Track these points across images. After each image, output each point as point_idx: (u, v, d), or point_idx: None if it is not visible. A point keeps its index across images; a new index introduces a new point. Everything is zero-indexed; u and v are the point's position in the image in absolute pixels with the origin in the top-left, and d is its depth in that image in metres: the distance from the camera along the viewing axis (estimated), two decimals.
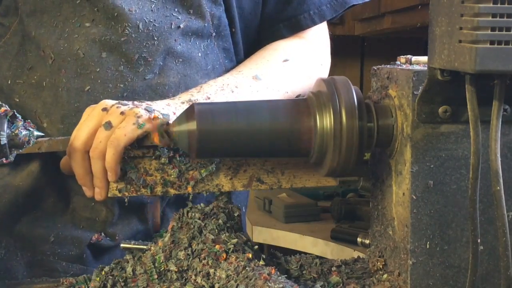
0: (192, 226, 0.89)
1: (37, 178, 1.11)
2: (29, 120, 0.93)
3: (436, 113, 0.79)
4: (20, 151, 0.90)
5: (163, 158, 0.90)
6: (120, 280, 0.88)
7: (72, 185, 1.11)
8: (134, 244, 0.96)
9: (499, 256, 0.70)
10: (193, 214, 0.90)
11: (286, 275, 0.86)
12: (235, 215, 0.91)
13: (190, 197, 0.91)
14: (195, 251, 0.86)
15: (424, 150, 0.80)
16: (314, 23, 1.24)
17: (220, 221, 0.89)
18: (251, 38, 1.25)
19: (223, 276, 0.83)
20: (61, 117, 1.09)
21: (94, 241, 1.12)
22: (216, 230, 0.88)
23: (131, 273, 0.88)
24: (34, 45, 1.12)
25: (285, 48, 1.23)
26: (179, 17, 1.11)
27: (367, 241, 1.94)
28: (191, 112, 0.82)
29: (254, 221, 2.30)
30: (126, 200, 0.92)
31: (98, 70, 1.08)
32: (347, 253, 1.96)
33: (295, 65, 1.21)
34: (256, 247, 0.91)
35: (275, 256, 0.95)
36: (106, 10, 1.08)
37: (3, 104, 0.91)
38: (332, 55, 1.32)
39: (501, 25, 0.66)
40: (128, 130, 0.89)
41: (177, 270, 0.86)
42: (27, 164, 1.12)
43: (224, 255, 0.85)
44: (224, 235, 0.87)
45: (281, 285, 0.79)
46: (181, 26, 1.11)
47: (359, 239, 1.98)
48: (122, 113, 0.91)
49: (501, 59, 0.66)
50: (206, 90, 1.06)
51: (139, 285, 0.87)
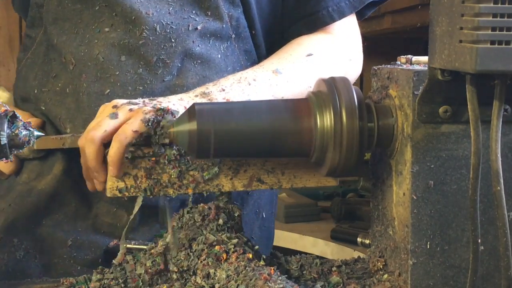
0: (192, 226, 0.89)
1: (60, 181, 1.12)
2: (29, 120, 0.93)
3: (437, 113, 0.78)
4: (20, 151, 0.90)
5: (162, 159, 0.90)
6: (120, 280, 0.88)
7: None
8: (134, 244, 0.96)
9: (499, 256, 0.70)
10: (193, 214, 0.90)
11: (286, 275, 0.86)
12: (235, 215, 0.91)
13: (190, 198, 0.91)
14: (195, 251, 0.86)
15: (425, 150, 0.80)
16: (333, 20, 1.23)
17: (220, 221, 0.89)
18: (272, 39, 1.25)
19: (223, 276, 0.83)
20: (83, 122, 1.10)
21: (112, 246, 1.12)
22: (216, 230, 0.88)
23: (131, 273, 0.88)
24: (57, 53, 1.14)
25: (310, 42, 1.22)
26: (197, 19, 1.12)
27: (367, 241, 1.94)
28: (192, 112, 0.82)
29: None
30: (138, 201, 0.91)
31: (117, 73, 1.10)
32: (347, 253, 1.96)
33: (319, 60, 1.19)
34: (256, 247, 0.91)
35: (275, 256, 0.95)
36: (124, 14, 1.09)
37: (3, 104, 0.91)
38: None
39: (502, 25, 0.65)
40: (135, 126, 0.89)
41: (177, 270, 0.86)
42: (51, 167, 1.13)
43: (224, 255, 0.85)
44: (224, 235, 0.87)
45: (281, 285, 0.79)
46: (199, 27, 1.12)
47: (359, 239, 1.99)
48: (130, 109, 0.91)
49: (501, 59, 0.66)
50: (222, 83, 1.05)
51: (139, 285, 0.87)
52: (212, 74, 1.14)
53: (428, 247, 0.81)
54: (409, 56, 0.85)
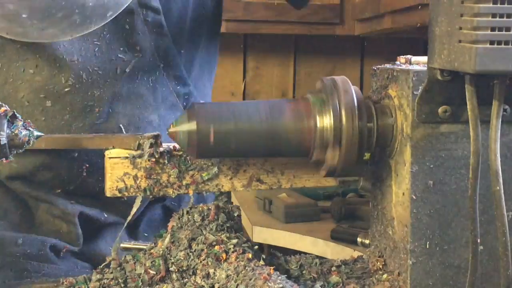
0: (192, 226, 0.89)
1: (3, 188, 1.11)
2: (29, 120, 0.93)
3: (436, 113, 0.79)
4: (20, 151, 0.90)
5: (162, 158, 0.90)
6: (120, 280, 0.88)
7: (34, 201, 1.12)
8: (134, 244, 0.96)
9: (499, 256, 0.70)
10: (192, 214, 0.90)
11: (286, 275, 0.86)
12: (235, 215, 0.91)
13: (191, 200, 0.91)
14: (195, 251, 0.86)
15: (424, 150, 0.80)
16: None
17: (220, 221, 0.89)
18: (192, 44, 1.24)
19: (223, 276, 0.83)
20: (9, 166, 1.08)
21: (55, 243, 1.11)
22: (216, 230, 0.88)
23: (131, 273, 0.88)
24: None
25: None
26: (125, 57, 1.08)
27: (367, 241, 1.94)
28: (191, 111, 0.82)
29: (254, 221, 2.30)
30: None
31: (43, 119, 1.06)
32: (347, 253, 1.96)
33: None
34: (256, 247, 0.91)
35: (275, 256, 0.95)
36: (47, 59, 1.05)
37: (3, 104, 0.91)
38: (332, 55, 1.32)
39: (501, 25, 0.66)
40: None
41: (177, 270, 0.86)
42: None
43: (224, 255, 0.85)
44: (224, 235, 0.87)
45: (281, 285, 0.79)
46: (127, 70, 1.08)
47: (359, 239, 1.98)
48: None
49: (500, 59, 0.66)
50: None
51: (139, 285, 0.87)
52: (141, 111, 1.12)
53: (428, 247, 0.81)
54: (409, 56, 0.85)
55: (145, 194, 0.90)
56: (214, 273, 0.84)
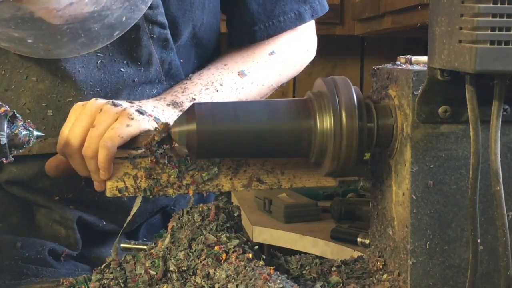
0: (192, 227, 0.89)
1: (2, 191, 1.11)
2: (29, 120, 0.93)
3: (436, 113, 0.79)
4: (20, 151, 0.90)
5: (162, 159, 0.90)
6: (120, 280, 0.88)
7: (34, 205, 1.12)
8: (134, 244, 0.96)
9: (499, 256, 0.70)
10: (192, 214, 0.90)
11: (286, 275, 0.86)
12: (235, 215, 0.91)
13: (192, 200, 0.91)
14: (195, 251, 0.86)
15: (424, 150, 0.80)
16: (302, 22, 1.23)
17: (220, 221, 0.89)
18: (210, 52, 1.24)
19: (223, 276, 0.83)
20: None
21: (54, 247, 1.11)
22: (216, 230, 0.88)
23: (131, 273, 0.88)
24: None
25: (272, 39, 1.21)
26: (128, 71, 1.08)
27: (367, 241, 1.93)
28: (191, 112, 0.82)
29: (254, 221, 2.30)
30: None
31: (44, 128, 1.05)
32: (347, 253, 1.96)
33: (281, 57, 1.20)
34: (256, 247, 0.91)
35: (275, 256, 0.95)
36: (50, 69, 1.05)
37: (3, 104, 0.91)
38: (332, 55, 1.33)
39: (501, 25, 0.66)
40: (122, 131, 0.89)
41: (177, 270, 0.86)
42: None
43: (224, 255, 0.85)
44: (224, 235, 0.87)
45: (281, 285, 0.79)
46: (129, 83, 1.08)
47: (359, 239, 1.98)
48: (115, 113, 0.91)
49: (501, 59, 0.66)
50: (190, 90, 1.05)
51: (139, 285, 0.87)
52: None
53: (428, 247, 0.81)
54: (409, 56, 0.85)
55: (145, 194, 0.90)
56: (214, 273, 0.84)
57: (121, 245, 0.95)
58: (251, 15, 1.20)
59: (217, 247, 0.85)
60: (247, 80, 1.12)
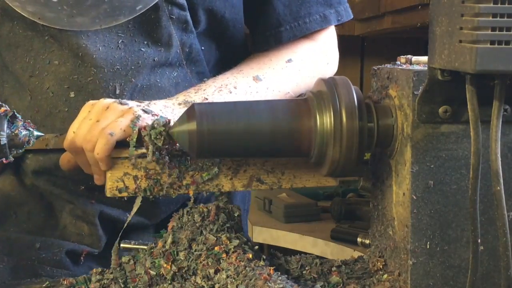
0: (192, 227, 0.89)
1: (28, 190, 1.12)
2: (29, 120, 0.93)
3: (436, 113, 0.78)
4: (20, 151, 0.90)
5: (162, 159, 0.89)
6: (120, 281, 0.88)
7: (60, 202, 1.12)
8: (134, 244, 0.96)
9: (499, 256, 0.70)
10: (192, 215, 0.90)
11: (286, 275, 0.86)
12: (235, 215, 0.91)
13: (192, 200, 0.91)
14: (195, 251, 0.86)
15: (424, 150, 0.80)
16: (320, 26, 1.23)
17: (220, 221, 0.89)
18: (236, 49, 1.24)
19: (223, 276, 0.83)
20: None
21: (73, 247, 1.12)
22: (216, 231, 0.88)
23: (131, 273, 0.88)
24: (12, 78, 1.11)
25: (290, 47, 1.22)
26: (148, 51, 1.09)
27: (367, 241, 1.94)
28: (192, 112, 0.82)
29: (254, 221, 2.30)
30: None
31: (66, 110, 1.07)
32: (347, 253, 1.96)
33: (299, 65, 1.20)
34: (256, 247, 0.91)
35: (275, 256, 0.95)
36: (71, 49, 1.06)
37: (3, 104, 0.91)
38: None
39: (501, 25, 0.66)
40: (124, 126, 0.89)
41: (177, 270, 0.86)
42: (21, 175, 1.12)
43: (224, 255, 0.85)
44: (224, 235, 0.87)
45: (281, 285, 0.79)
46: (149, 63, 1.09)
47: (359, 239, 1.98)
48: (121, 110, 0.91)
49: (501, 59, 0.66)
50: (203, 91, 1.05)
51: (139, 285, 0.87)
52: None
53: (428, 247, 0.81)
54: (409, 56, 0.85)
55: (145, 194, 0.90)
56: (214, 273, 0.84)
57: (121, 245, 0.95)
58: (277, 16, 1.21)
59: (217, 248, 0.85)
60: (262, 85, 1.12)
